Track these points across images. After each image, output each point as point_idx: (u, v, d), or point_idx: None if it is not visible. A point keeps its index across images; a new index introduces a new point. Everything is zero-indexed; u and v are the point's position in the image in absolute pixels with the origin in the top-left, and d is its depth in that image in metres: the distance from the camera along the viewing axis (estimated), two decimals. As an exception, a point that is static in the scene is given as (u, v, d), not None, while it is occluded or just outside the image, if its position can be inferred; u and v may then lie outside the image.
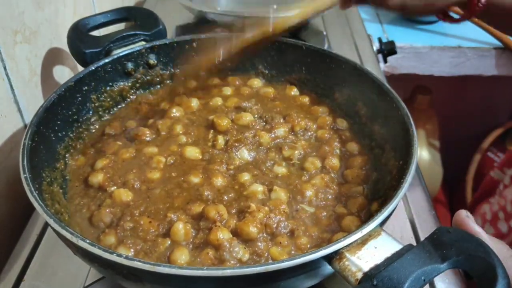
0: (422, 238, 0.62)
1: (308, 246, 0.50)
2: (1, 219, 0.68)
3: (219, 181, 0.56)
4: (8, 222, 0.69)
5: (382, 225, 0.46)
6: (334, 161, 0.60)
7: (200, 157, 0.60)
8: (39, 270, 0.60)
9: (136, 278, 0.41)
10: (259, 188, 0.55)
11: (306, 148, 0.62)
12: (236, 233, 0.50)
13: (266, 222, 0.51)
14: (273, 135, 0.63)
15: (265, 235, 0.50)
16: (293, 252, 0.50)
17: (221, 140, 0.61)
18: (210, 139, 0.63)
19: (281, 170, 0.59)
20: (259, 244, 0.49)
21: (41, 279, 0.59)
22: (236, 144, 0.61)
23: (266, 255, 0.49)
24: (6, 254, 0.64)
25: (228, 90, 0.73)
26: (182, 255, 0.48)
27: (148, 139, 0.63)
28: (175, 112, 0.67)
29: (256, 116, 0.67)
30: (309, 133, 0.65)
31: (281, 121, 0.65)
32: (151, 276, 0.40)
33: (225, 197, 0.55)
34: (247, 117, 0.65)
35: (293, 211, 0.54)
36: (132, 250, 0.49)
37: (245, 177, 0.57)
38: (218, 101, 0.70)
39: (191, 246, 0.49)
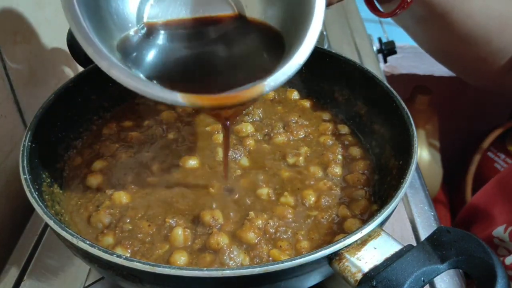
0: (422, 238, 0.62)
1: (309, 249, 0.50)
2: (1, 219, 0.68)
3: (217, 189, 0.56)
4: (8, 222, 0.69)
5: (382, 226, 0.46)
6: (337, 170, 0.60)
7: (199, 166, 0.60)
8: (39, 270, 0.60)
9: (136, 279, 0.41)
10: (264, 191, 0.55)
11: (309, 154, 0.62)
12: (235, 238, 0.50)
13: (265, 228, 0.51)
14: (274, 144, 0.63)
15: (266, 238, 0.51)
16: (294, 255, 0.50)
17: (220, 153, 0.61)
18: (209, 148, 0.62)
19: (284, 175, 0.59)
20: (259, 247, 0.49)
21: (41, 279, 0.59)
22: (235, 155, 0.61)
23: (266, 257, 0.49)
24: (6, 254, 0.64)
25: (227, 94, 0.73)
26: (181, 257, 0.48)
27: (140, 141, 0.63)
28: (168, 116, 0.67)
29: (257, 119, 0.67)
30: (309, 139, 0.65)
31: (281, 130, 0.65)
32: (151, 276, 0.40)
33: (226, 202, 0.55)
34: (247, 129, 0.64)
35: (296, 215, 0.54)
36: (129, 250, 0.49)
37: (248, 182, 0.57)
38: None
39: (190, 250, 0.49)
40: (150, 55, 0.47)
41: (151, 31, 0.49)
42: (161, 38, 0.49)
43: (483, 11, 0.71)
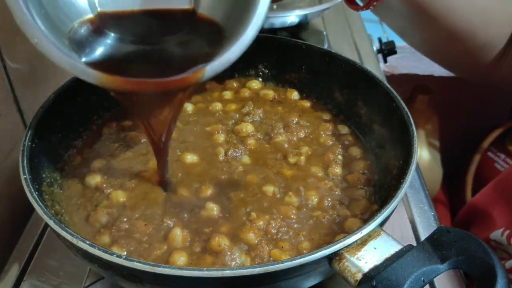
0: (422, 238, 0.62)
1: (310, 249, 0.50)
2: (1, 219, 0.68)
3: (217, 187, 0.56)
4: (8, 222, 0.69)
5: (382, 225, 0.46)
6: (337, 170, 0.60)
7: (198, 162, 0.60)
8: (39, 270, 0.60)
9: (136, 279, 0.41)
10: (270, 189, 0.56)
11: (310, 154, 0.62)
12: (236, 239, 0.50)
13: (266, 228, 0.51)
14: (274, 144, 0.63)
15: (267, 238, 0.50)
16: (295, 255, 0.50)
17: (222, 154, 0.61)
18: (210, 147, 0.62)
19: (287, 174, 0.59)
20: (260, 247, 0.49)
21: (41, 279, 0.59)
22: (236, 154, 0.61)
23: (267, 257, 0.49)
24: (6, 254, 0.64)
25: (227, 94, 0.73)
26: (181, 257, 0.48)
27: (139, 140, 0.63)
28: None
29: (257, 119, 0.67)
30: (310, 139, 0.65)
31: (282, 131, 0.65)
32: (151, 277, 0.40)
33: (227, 202, 0.55)
34: (248, 129, 0.64)
35: (299, 215, 0.54)
36: (125, 250, 0.49)
37: (252, 180, 0.57)
38: (217, 105, 0.70)
39: (189, 251, 0.49)
40: (97, 43, 0.48)
41: (101, 20, 0.49)
42: (109, 26, 0.49)
43: (466, 5, 0.69)
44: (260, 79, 0.76)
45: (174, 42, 0.50)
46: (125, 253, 0.48)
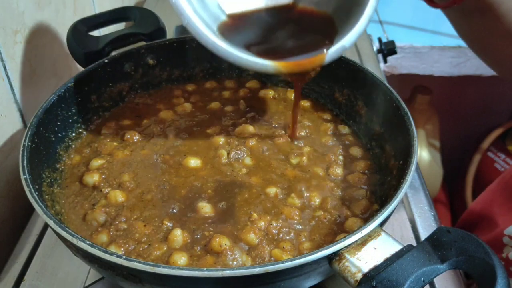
0: (422, 238, 0.62)
1: (311, 249, 0.50)
2: (1, 219, 0.68)
3: (220, 189, 0.56)
4: (8, 222, 0.69)
5: (382, 226, 0.46)
6: (338, 170, 0.60)
7: (201, 166, 0.60)
8: (39, 270, 0.60)
9: (136, 279, 0.41)
10: (272, 190, 0.56)
11: (311, 155, 0.62)
12: (237, 239, 0.50)
13: (267, 229, 0.51)
14: (276, 145, 0.63)
15: (268, 239, 0.50)
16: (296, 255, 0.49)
17: (224, 156, 0.61)
18: (210, 148, 0.62)
19: (289, 175, 0.59)
20: (261, 247, 0.49)
21: (41, 279, 0.59)
22: (238, 156, 0.61)
23: (268, 257, 0.49)
24: (6, 254, 0.64)
25: (227, 94, 0.73)
26: (182, 257, 0.48)
27: (138, 139, 0.63)
28: (167, 115, 0.68)
29: (257, 119, 0.67)
30: (311, 139, 0.65)
31: (282, 132, 0.65)
32: (151, 277, 0.40)
33: (227, 203, 0.54)
34: (249, 130, 0.65)
35: (302, 216, 0.54)
36: (122, 249, 0.49)
37: (255, 182, 0.57)
38: (217, 105, 0.70)
39: (190, 252, 0.49)
40: (238, 36, 0.57)
41: (234, 19, 0.59)
42: (242, 24, 0.60)
43: None
44: (258, 80, 0.76)
45: (296, 33, 0.60)
46: (123, 252, 0.48)
